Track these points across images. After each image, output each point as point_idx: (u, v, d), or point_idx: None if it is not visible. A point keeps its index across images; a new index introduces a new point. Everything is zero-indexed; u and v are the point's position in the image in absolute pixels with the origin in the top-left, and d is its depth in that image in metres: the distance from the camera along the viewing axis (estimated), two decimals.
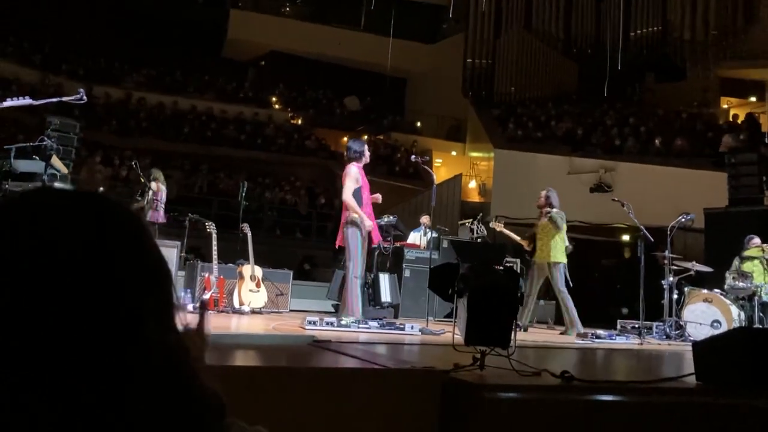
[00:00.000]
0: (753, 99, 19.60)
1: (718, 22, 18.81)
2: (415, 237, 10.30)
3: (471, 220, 11.02)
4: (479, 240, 10.35)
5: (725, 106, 19.57)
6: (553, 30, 20.96)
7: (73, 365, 0.61)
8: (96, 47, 20.89)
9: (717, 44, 18.82)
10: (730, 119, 17.92)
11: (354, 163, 6.27)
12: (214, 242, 7.36)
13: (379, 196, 6.52)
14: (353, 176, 6.11)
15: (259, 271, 7.47)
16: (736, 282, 8.13)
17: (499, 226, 8.72)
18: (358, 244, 5.98)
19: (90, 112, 16.57)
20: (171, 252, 7.35)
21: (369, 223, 6.05)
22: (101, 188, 9.17)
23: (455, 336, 3.45)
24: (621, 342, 6.71)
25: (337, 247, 6.47)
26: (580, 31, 20.90)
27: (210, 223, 7.64)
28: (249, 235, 7.55)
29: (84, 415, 0.60)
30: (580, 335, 6.98)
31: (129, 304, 0.65)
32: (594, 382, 2.93)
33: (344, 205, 6.11)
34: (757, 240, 8.29)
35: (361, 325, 5.58)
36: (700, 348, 3.34)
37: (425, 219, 10.32)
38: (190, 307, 6.83)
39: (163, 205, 9.51)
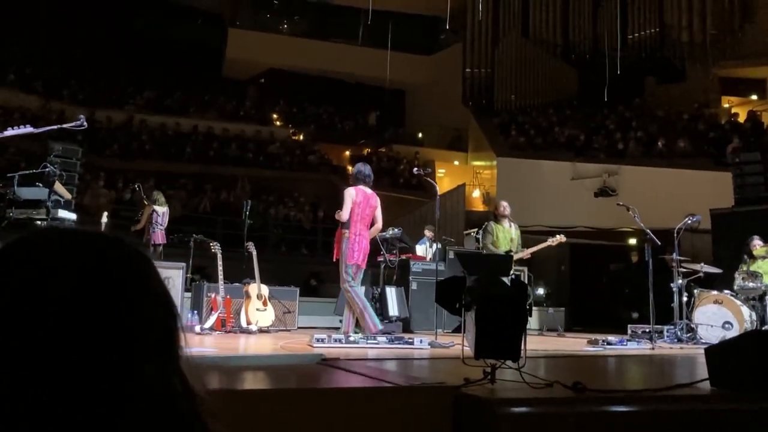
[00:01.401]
0: (754, 97, 19.56)
1: (715, 22, 18.84)
2: (420, 249, 10.27)
3: (476, 229, 10.98)
4: (485, 250, 10.29)
5: (726, 106, 19.54)
6: (551, 36, 21.01)
7: (71, 407, 0.59)
8: (96, 72, 21.00)
9: (715, 44, 18.83)
10: (732, 118, 17.87)
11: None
12: (220, 262, 7.34)
13: None
14: None
15: (265, 290, 7.45)
16: (746, 282, 8.08)
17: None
18: None
19: (92, 136, 16.63)
20: (176, 273, 7.34)
21: None
22: (105, 212, 9.18)
23: (464, 349, 3.42)
24: (632, 348, 6.65)
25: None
26: (578, 36, 20.94)
27: (215, 243, 7.63)
28: (254, 253, 7.55)
29: None
30: None
31: (130, 348, 0.63)
32: (607, 392, 2.89)
33: (375, 226, 6.64)
34: (758, 241, 8.25)
35: (369, 341, 5.55)
36: (713, 352, 3.30)
37: (428, 232, 10.29)
38: (197, 328, 6.81)
39: (163, 227, 9.55)
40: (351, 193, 6.47)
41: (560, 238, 8.41)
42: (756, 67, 18.57)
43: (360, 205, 6.44)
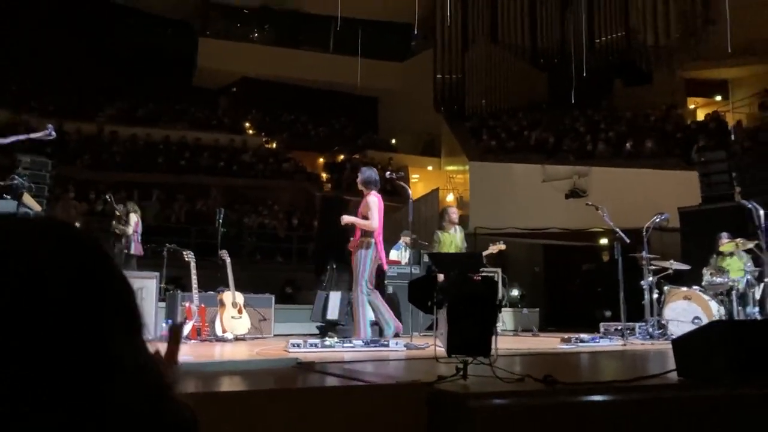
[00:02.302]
0: (718, 98, 19.99)
1: (679, 26, 19.23)
2: (395, 254, 10.31)
3: None
4: None
5: (692, 107, 19.93)
6: (520, 40, 21.24)
7: (50, 390, 0.61)
8: (65, 83, 20.78)
9: (680, 47, 19.22)
10: (698, 119, 18.26)
11: None
12: (194, 271, 7.30)
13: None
14: None
15: (240, 298, 7.43)
16: (714, 278, 8.25)
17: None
18: None
19: (62, 148, 16.45)
20: (150, 283, 7.29)
21: None
22: (77, 224, 9.06)
23: (438, 348, 3.47)
24: (604, 344, 6.76)
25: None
26: (546, 41, 21.20)
27: (188, 252, 7.59)
28: (228, 261, 7.52)
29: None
30: None
31: (100, 326, 0.66)
32: (577, 384, 2.96)
33: None
34: (725, 239, 8.41)
35: (345, 344, 5.57)
36: (679, 344, 3.39)
37: (406, 239, 10.34)
38: None
39: (139, 237, 9.48)
40: (375, 201, 6.44)
41: (500, 245, 8.79)
42: (719, 69, 18.99)
43: (381, 210, 6.46)
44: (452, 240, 8.40)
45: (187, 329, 6.91)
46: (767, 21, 17.21)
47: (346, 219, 6.49)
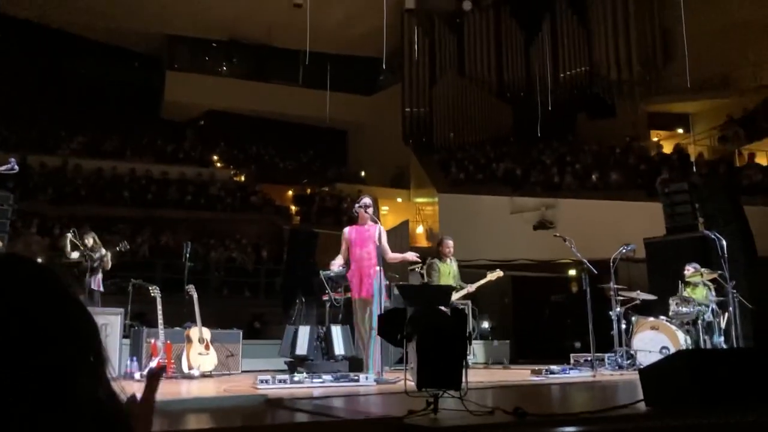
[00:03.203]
0: (680, 131, 20.52)
1: (640, 61, 19.80)
2: None
3: (420, 265, 11.04)
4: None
5: (655, 139, 20.42)
6: (486, 75, 21.61)
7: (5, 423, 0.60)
8: (29, 116, 20.50)
9: (641, 81, 19.75)
10: (662, 151, 18.71)
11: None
12: (159, 306, 7.17)
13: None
14: None
15: (207, 333, 7.30)
16: (680, 308, 8.35)
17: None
18: None
19: (25, 181, 16.16)
20: (114, 319, 7.14)
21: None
22: (39, 259, 8.86)
23: (408, 382, 3.43)
24: (574, 375, 6.77)
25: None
26: (512, 75, 21.59)
27: (153, 287, 7.46)
28: (195, 296, 7.40)
29: None
30: None
31: (60, 362, 0.64)
32: (547, 415, 2.95)
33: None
34: (690, 269, 8.54)
35: (314, 380, 5.50)
36: (647, 374, 3.40)
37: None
38: (137, 375, 6.61)
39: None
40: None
41: (498, 272, 8.91)
42: (680, 103, 19.53)
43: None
44: (450, 270, 8.45)
45: (152, 366, 6.76)
46: (722, 58, 17.81)
47: (390, 254, 6.32)
